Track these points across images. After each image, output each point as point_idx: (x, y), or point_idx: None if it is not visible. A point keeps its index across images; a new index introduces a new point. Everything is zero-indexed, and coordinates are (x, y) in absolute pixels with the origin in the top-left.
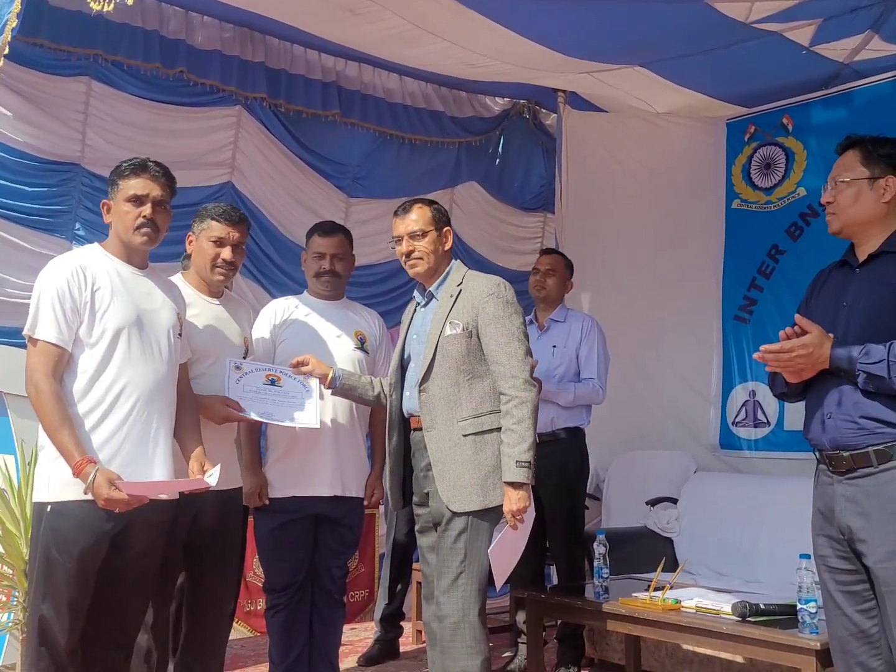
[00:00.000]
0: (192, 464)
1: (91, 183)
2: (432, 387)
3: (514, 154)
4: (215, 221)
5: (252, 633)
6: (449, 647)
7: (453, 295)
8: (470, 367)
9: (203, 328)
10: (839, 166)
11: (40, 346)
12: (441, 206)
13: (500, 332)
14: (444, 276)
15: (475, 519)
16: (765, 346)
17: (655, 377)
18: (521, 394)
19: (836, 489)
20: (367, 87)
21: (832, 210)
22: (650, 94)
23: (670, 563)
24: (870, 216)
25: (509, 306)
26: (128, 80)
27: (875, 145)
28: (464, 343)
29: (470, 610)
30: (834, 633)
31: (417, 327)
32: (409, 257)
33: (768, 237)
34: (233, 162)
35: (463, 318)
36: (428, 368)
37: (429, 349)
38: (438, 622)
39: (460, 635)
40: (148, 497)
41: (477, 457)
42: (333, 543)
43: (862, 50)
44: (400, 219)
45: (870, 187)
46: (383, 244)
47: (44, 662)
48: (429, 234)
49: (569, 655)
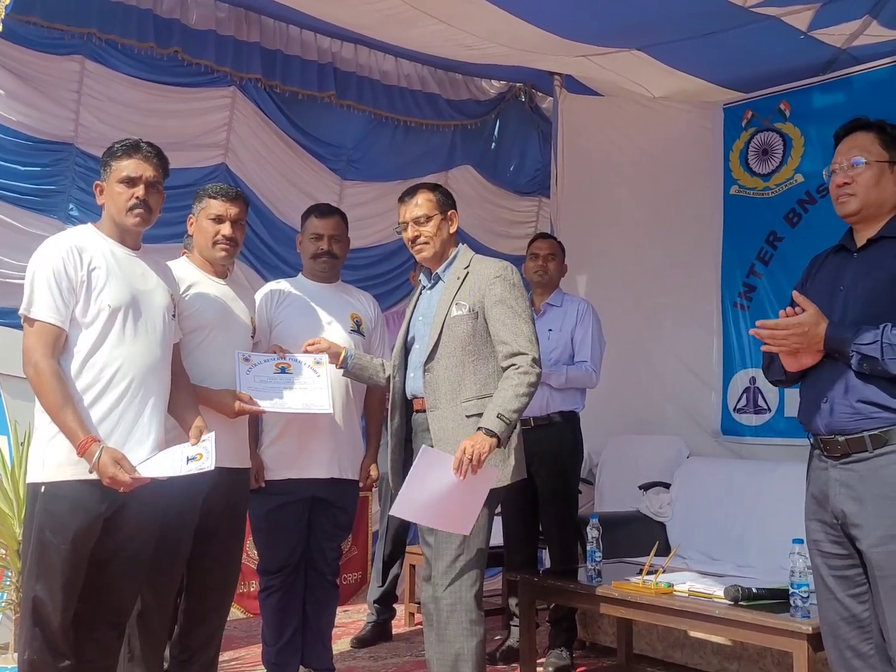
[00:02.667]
0: (192, 431)
1: (85, 163)
2: (437, 367)
3: (509, 137)
4: (213, 199)
5: (245, 615)
6: (445, 629)
7: (460, 277)
8: (475, 348)
9: (211, 303)
10: (854, 147)
11: (38, 326)
12: (446, 190)
13: (505, 314)
14: (451, 259)
15: None
16: (761, 321)
17: (655, 362)
18: (527, 366)
19: (830, 474)
20: (362, 68)
21: (850, 191)
22: (647, 78)
23: (663, 548)
24: (886, 199)
25: (515, 289)
26: (122, 59)
27: (893, 129)
28: (469, 324)
29: (466, 592)
30: (825, 618)
31: (423, 309)
32: (415, 242)
33: (766, 224)
34: (227, 143)
35: (469, 299)
36: (433, 349)
37: (435, 330)
38: (435, 604)
39: (456, 617)
40: (149, 478)
41: None
42: (328, 525)
43: (860, 35)
44: (405, 204)
45: (890, 170)
46: (377, 227)
47: (37, 642)
48: (433, 218)
49: (561, 638)
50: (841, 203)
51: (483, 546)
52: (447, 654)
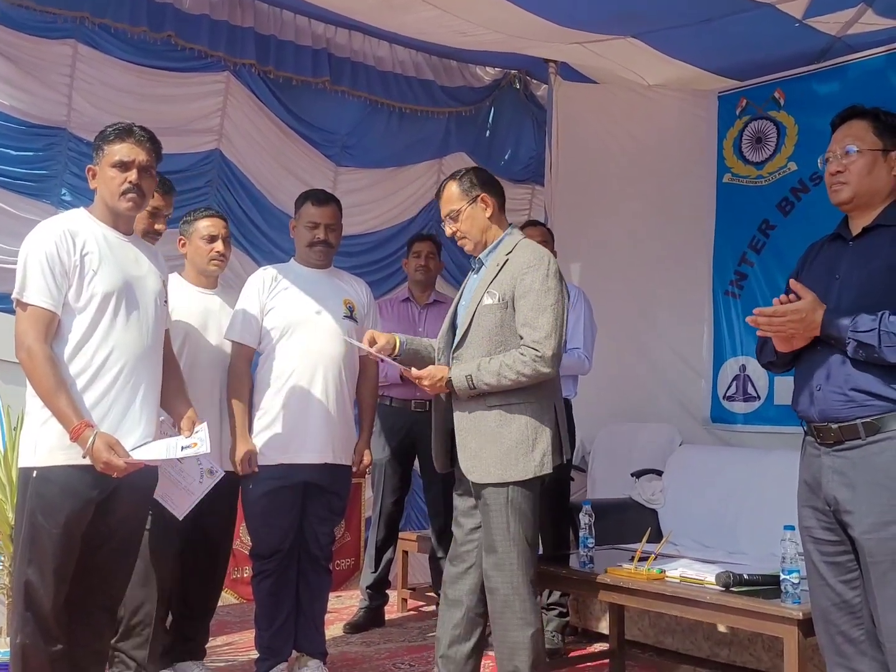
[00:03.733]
0: (183, 422)
1: (77, 148)
2: (465, 355)
3: (504, 125)
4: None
5: (238, 600)
6: (499, 620)
7: (499, 264)
8: (503, 338)
9: None
10: (848, 135)
11: (31, 310)
12: (472, 174)
13: (529, 306)
14: (495, 244)
15: (517, 490)
16: (758, 308)
17: (647, 349)
18: (530, 360)
19: (823, 461)
20: (357, 54)
21: (843, 179)
22: (642, 65)
23: (655, 535)
24: (880, 188)
25: (549, 280)
26: (115, 43)
27: (888, 117)
28: (498, 314)
29: (521, 583)
30: (817, 603)
31: (467, 294)
32: (455, 238)
33: (759, 212)
34: (221, 129)
35: (501, 288)
36: (463, 336)
37: (466, 317)
38: (489, 595)
39: (510, 608)
40: (143, 462)
41: (500, 430)
42: (321, 510)
43: (855, 23)
44: (439, 200)
45: (884, 158)
46: (372, 214)
47: (29, 627)
48: (462, 211)
49: (553, 624)
50: (834, 191)
51: (531, 534)
52: (504, 645)
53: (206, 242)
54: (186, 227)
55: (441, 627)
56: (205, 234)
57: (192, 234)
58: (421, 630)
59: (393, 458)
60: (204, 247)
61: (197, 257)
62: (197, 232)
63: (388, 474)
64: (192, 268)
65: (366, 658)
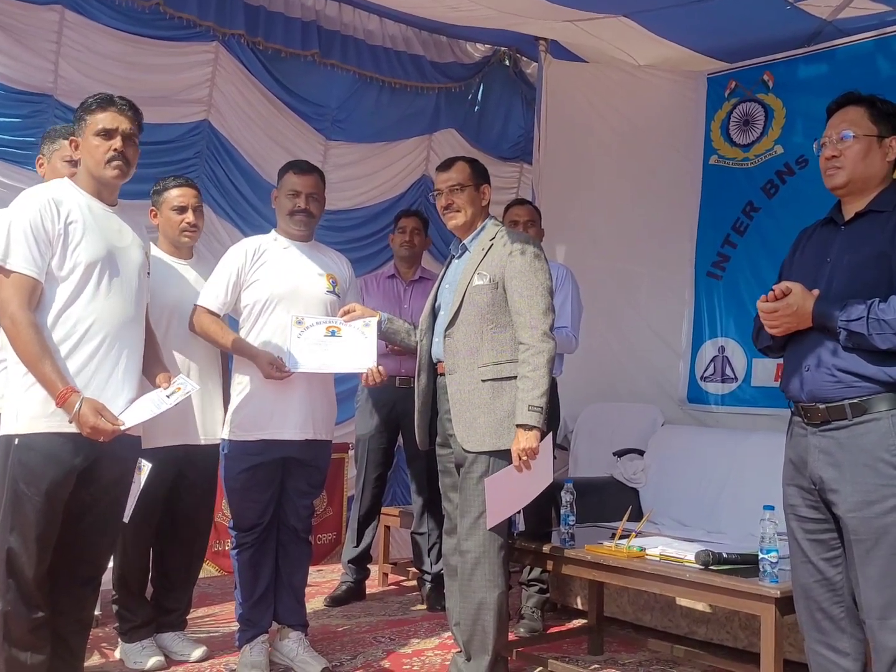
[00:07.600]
0: (158, 380)
1: (64, 115)
2: (457, 333)
3: (493, 102)
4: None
5: (219, 573)
6: (468, 581)
7: (485, 248)
8: (494, 317)
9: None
10: (844, 121)
11: (14, 277)
12: (482, 165)
13: (524, 286)
14: (478, 230)
15: (496, 460)
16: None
17: (628, 330)
18: (538, 344)
19: (809, 440)
20: (347, 27)
21: (838, 164)
22: (632, 45)
23: (636, 513)
24: (874, 173)
25: (536, 262)
26: (102, 10)
27: (884, 104)
28: (490, 294)
29: (490, 547)
30: (798, 580)
31: (450, 277)
32: (448, 209)
33: (744, 194)
34: (209, 100)
35: (491, 270)
36: (454, 315)
37: (457, 297)
38: (461, 556)
39: (480, 570)
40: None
41: (493, 402)
42: (301, 484)
43: (846, 7)
44: (441, 173)
45: (878, 145)
46: (361, 189)
47: (11, 594)
48: (467, 188)
49: (533, 600)
50: (829, 176)
51: None
52: (470, 603)
53: (177, 213)
54: (157, 198)
55: (450, 598)
56: (175, 205)
57: (162, 205)
58: (402, 604)
59: (377, 434)
60: (175, 217)
61: (168, 228)
62: (167, 202)
63: (372, 449)
64: (164, 239)
65: (346, 631)
